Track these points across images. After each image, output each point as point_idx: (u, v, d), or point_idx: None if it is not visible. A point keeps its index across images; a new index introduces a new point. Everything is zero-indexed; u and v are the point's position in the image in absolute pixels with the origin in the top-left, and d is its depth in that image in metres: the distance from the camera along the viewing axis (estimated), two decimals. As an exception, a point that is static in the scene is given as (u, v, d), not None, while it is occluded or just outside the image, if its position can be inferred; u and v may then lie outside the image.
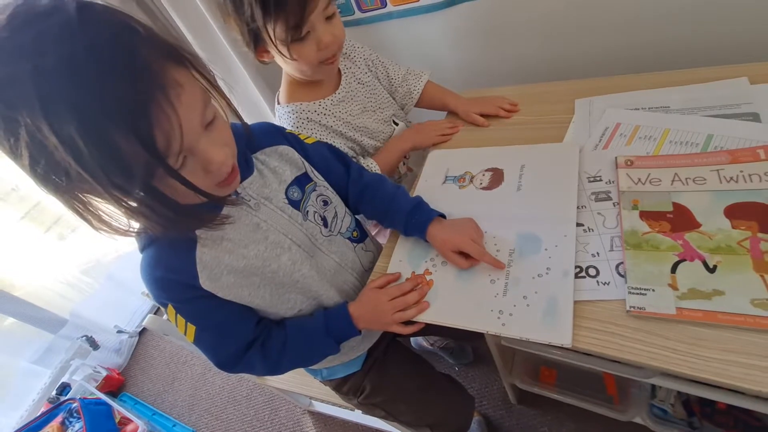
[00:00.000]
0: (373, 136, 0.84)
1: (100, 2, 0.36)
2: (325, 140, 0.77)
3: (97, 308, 1.64)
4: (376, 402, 0.74)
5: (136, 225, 0.42)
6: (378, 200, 0.68)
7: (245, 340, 0.57)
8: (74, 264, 1.64)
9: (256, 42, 0.68)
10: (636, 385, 0.82)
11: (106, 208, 0.39)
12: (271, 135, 0.62)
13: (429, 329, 0.60)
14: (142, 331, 1.78)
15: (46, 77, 0.32)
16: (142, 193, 0.37)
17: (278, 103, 0.81)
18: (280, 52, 0.67)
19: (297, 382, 0.95)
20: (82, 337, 1.54)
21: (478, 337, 0.92)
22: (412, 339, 1.22)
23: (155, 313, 1.81)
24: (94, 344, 1.57)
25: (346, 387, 0.76)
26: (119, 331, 1.68)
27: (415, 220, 0.64)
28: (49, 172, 0.35)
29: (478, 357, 1.16)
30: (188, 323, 0.54)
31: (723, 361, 0.42)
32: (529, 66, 1.07)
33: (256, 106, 1.37)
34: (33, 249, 1.55)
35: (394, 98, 0.91)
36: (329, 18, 0.67)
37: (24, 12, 0.33)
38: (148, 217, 0.40)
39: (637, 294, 0.49)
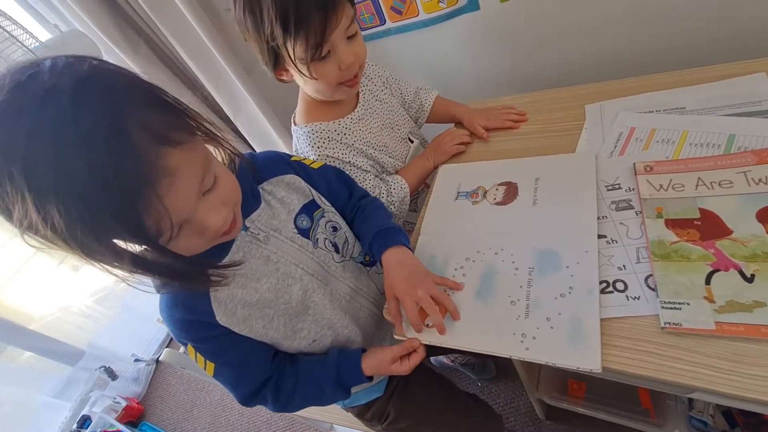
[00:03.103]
0: (392, 155, 0.83)
1: (97, 76, 0.36)
2: (347, 159, 0.76)
3: (113, 338, 1.64)
4: (401, 427, 0.72)
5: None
6: (359, 221, 0.67)
7: (262, 377, 0.57)
8: (88, 294, 1.65)
9: (276, 60, 0.67)
10: (672, 397, 0.78)
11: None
12: (276, 165, 0.61)
13: (446, 349, 0.58)
14: (159, 359, 1.78)
15: (36, 174, 0.32)
16: (131, 265, 0.38)
17: (294, 124, 0.80)
18: (299, 71, 0.66)
19: (317, 408, 0.93)
20: (101, 368, 1.55)
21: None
22: (432, 357, 1.19)
23: (168, 345, 1.81)
24: (112, 374, 1.57)
25: (369, 413, 0.74)
26: (136, 360, 1.68)
27: (377, 242, 0.61)
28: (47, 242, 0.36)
29: (502, 371, 1.13)
30: (207, 361, 0.54)
31: (772, 379, 0.40)
32: (533, 73, 1.05)
33: (259, 128, 1.37)
34: (48, 282, 1.57)
35: (408, 114, 0.90)
36: (351, 37, 0.65)
37: (14, 100, 0.32)
38: (145, 274, 0.40)
39: (671, 308, 0.46)
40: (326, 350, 0.63)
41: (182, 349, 0.77)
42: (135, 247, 0.38)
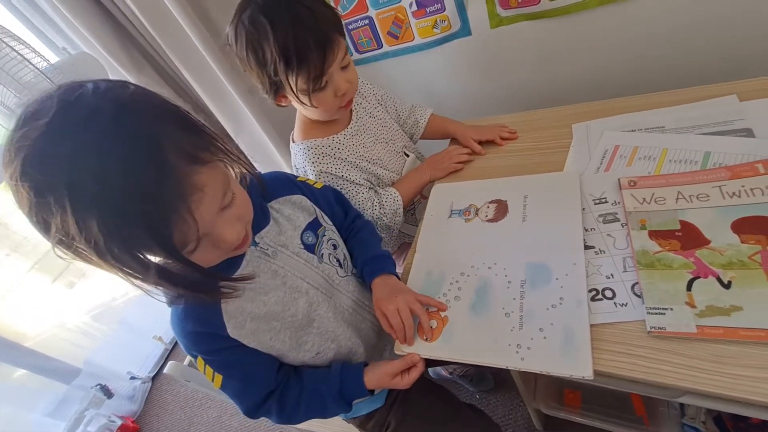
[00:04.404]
0: (387, 168, 0.87)
1: (135, 99, 0.39)
2: (341, 173, 0.80)
3: (109, 355, 1.63)
4: (402, 437, 0.73)
5: None
6: (353, 242, 0.71)
7: (267, 389, 0.59)
8: (85, 311, 1.64)
9: (276, 90, 0.72)
10: (665, 404, 0.81)
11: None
12: (284, 185, 0.65)
13: (445, 360, 0.60)
14: (156, 376, 1.76)
15: (79, 189, 0.34)
16: (157, 276, 0.40)
17: (293, 142, 0.85)
18: (301, 101, 0.72)
19: (318, 420, 0.94)
20: (96, 386, 1.53)
21: (498, 363, 0.92)
22: (430, 369, 1.20)
23: (166, 361, 1.79)
24: (108, 392, 1.55)
25: (370, 424, 0.75)
26: (132, 378, 1.66)
27: (369, 268, 0.66)
28: (70, 250, 0.38)
29: (500, 383, 1.14)
30: (216, 373, 0.56)
31: (750, 378, 0.43)
32: (522, 94, 1.11)
33: (261, 146, 1.41)
34: (43, 298, 1.56)
35: (403, 130, 0.95)
36: (344, 67, 0.71)
37: (61, 120, 0.35)
38: (168, 285, 0.42)
39: (656, 314, 0.50)
40: (329, 363, 0.65)
41: (187, 361, 0.79)
42: (157, 260, 0.41)
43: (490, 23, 0.99)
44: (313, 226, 0.64)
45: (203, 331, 0.53)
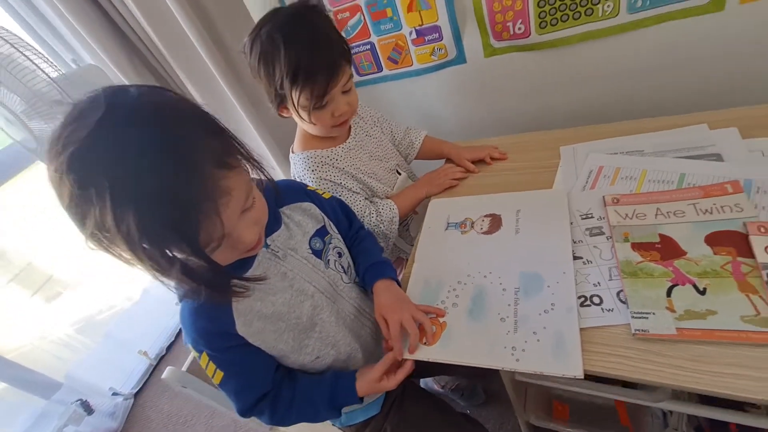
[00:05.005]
0: (381, 181, 0.92)
1: (173, 105, 0.42)
2: (339, 181, 0.85)
3: (92, 369, 1.58)
4: (398, 444, 0.74)
5: None
6: (357, 250, 0.74)
7: (263, 391, 0.61)
8: (70, 323, 1.60)
9: (280, 102, 0.77)
10: (649, 413, 0.84)
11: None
12: (295, 192, 0.68)
13: (439, 370, 0.63)
14: (139, 393, 1.71)
15: (120, 185, 0.37)
16: (179, 272, 0.42)
17: (293, 152, 0.89)
18: (300, 116, 0.77)
19: (307, 429, 0.93)
20: (77, 401, 1.48)
21: (491, 373, 0.94)
22: (422, 381, 1.21)
23: (152, 374, 1.75)
24: (88, 409, 1.49)
25: (366, 431, 0.76)
26: (114, 393, 1.61)
27: (370, 272, 0.69)
28: (102, 243, 0.40)
29: (490, 397, 1.16)
30: (218, 370, 0.57)
31: (726, 375, 0.47)
32: (512, 118, 1.18)
33: (262, 157, 1.44)
34: (25, 309, 1.53)
35: (398, 151, 1.00)
36: (346, 92, 0.77)
37: (108, 120, 0.38)
38: (189, 282, 0.44)
39: (640, 318, 0.54)
40: (327, 368, 0.67)
41: (185, 366, 0.79)
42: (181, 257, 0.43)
43: (484, 53, 1.07)
44: (321, 233, 0.67)
45: (213, 329, 0.55)
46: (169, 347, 1.86)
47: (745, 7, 0.81)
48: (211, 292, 0.49)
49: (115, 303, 1.74)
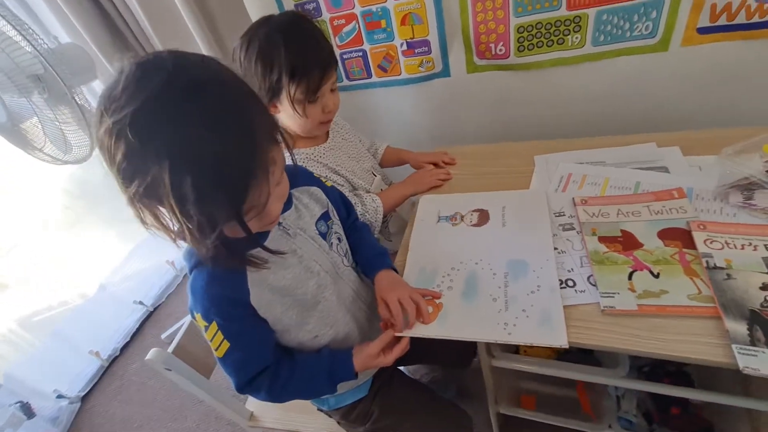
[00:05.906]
0: (361, 179, 0.99)
1: (232, 77, 0.45)
2: (325, 175, 0.90)
3: (35, 369, 1.45)
4: (386, 424, 0.77)
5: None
6: (355, 239, 0.78)
7: (264, 364, 0.62)
8: (13, 318, 1.47)
9: (272, 96, 0.81)
10: (605, 397, 0.93)
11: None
12: (305, 176, 0.72)
13: (415, 359, 0.66)
14: (86, 396, 1.58)
15: (182, 147, 0.39)
16: (217, 237, 0.44)
17: None
18: (295, 109, 0.81)
19: (299, 419, 0.92)
20: (16, 403, 1.35)
21: (468, 363, 1.00)
22: (403, 367, 1.24)
23: (102, 376, 1.63)
24: (29, 412, 1.37)
25: (353, 414, 0.78)
26: (59, 396, 1.49)
27: (373, 262, 0.74)
28: (144, 197, 0.42)
29: (462, 391, 1.21)
30: (224, 340, 0.58)
31: (675, 341, 0.56)
32: (489, 129, 1.29)
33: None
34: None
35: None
36: (333, 90, 0.85)
37: (171, 85, 0.39)
38: (218, 249, 0.46)
39: (607, 297, 0.62)
40: (323, 347, 0.69)
41: (171, 348, 0.78)
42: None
43: (467, 69, 1.17)
44: (325, 217, 0.70)
45: (228, 296, 0.56)
46: (124, 348, 1.75)
47: (685, 49, 0.97)
48: (237, 259, 0.50)
49: (67, 299, 1.62)
